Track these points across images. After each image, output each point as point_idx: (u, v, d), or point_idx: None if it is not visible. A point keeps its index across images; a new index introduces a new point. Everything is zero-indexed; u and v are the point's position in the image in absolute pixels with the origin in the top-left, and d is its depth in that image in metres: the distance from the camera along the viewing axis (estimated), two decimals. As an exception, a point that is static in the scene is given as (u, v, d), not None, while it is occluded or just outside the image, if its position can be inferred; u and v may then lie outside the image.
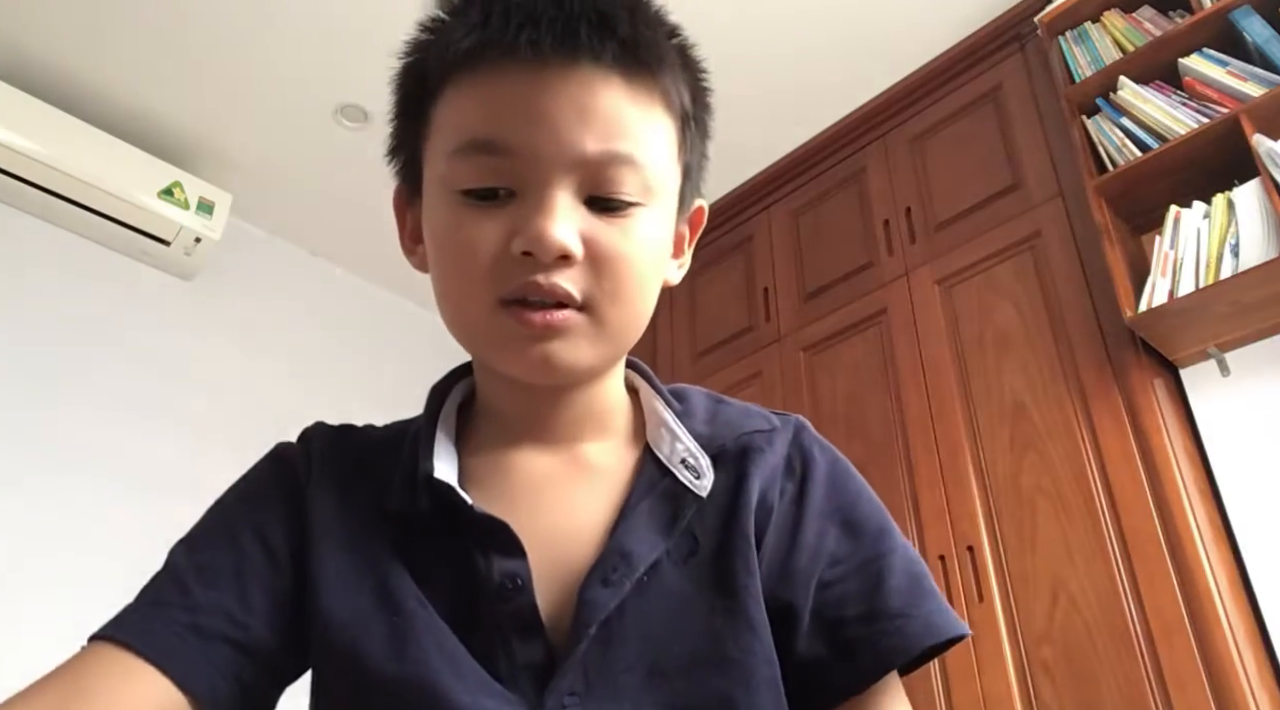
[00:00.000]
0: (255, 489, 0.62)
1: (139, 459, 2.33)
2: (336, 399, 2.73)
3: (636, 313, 0.59)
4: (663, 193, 0.58)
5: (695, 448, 0.61)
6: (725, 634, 0.55)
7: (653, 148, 0.57)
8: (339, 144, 2.60)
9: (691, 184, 0.64)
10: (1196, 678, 1.50)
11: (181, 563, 0.59)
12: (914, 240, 2.26)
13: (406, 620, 0.54)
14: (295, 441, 0.65)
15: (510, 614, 0.55)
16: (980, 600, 1.79)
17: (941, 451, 1.98)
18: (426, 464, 0.58)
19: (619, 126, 0.55)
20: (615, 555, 0.56)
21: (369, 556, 0.57)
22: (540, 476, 0.61)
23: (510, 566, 0.55)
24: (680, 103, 0.59)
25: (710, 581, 0.57)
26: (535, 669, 0.54)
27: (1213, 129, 1.75)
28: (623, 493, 0.60)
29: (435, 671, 0.52)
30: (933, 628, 0.57)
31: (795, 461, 0.63)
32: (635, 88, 0.56)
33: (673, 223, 0.62)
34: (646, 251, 0.57)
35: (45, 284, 2.39)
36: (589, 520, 0.59)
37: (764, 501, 0.60)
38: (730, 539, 0.58)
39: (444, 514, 0.57)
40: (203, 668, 0.53)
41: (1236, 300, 1.64)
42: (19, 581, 2.05)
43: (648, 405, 0.65)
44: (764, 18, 2.29)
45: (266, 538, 0.58)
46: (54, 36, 2.32)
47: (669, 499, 0.59)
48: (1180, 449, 1.68)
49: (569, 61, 0.54)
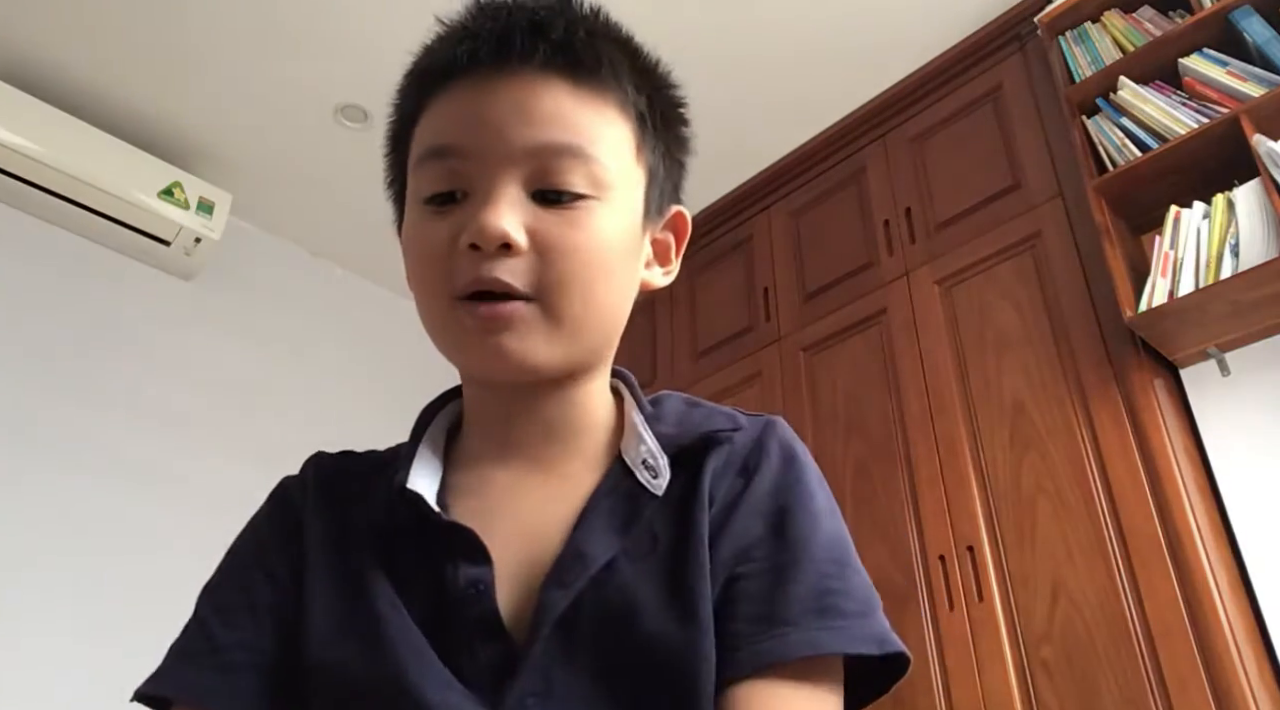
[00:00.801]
0: (260, 528, 0.67)
1: (139, 458, 2.33)
2: (336, 399, 2.73)
3: (596, 307, 0.59)
4: (617, 189, 0.60)
5: (656, 448, 0.62)
6: (674, 634, 0.55)
7: (602, 143, 0.59)
8: (339, 144, 2.60)
9: (662, 189, 0.65)
10: (1196, 678, 1.50)
11: (204, 610, 0.63)
12: (914, 240, 2.26)
13: (381, 625, 0.57)
14: (295, 473, 0.69)
15: (474, 618, 0.57)
16: (980, 600, 1.79)
17: (941, 451, 1.98)
18: (401, 477, 0.61)
19: (562, 120, 0.57)
20: (571, 556, 0.57)
21: (354, 571, 0.60)
22: (515, 486, 0.63)
23: (474, 573, 0.57)
24: (635, 105, 0.61)
25: (663, 580, 0.57)
26: (497, 670, 0.55)
27: (1213, 129, 1.75)
28: (588, 497, 0.61)
29: (405, 670, 0.55)
30: (815, 642, 0.56)
31: (751, 459, 0.63)
32: (580, 87, 0.59)
33: (635, 222, 0.62)
34: (598, 244, 0.58)
35: (45, 284, 2.39)
36: (554, 524, 0.60)
37: (714, 499, 0.61)
38: (684, 539, 0.59)
39: (419, 525, 0.60)
40: (234, 698, 0.59)
41: (1236, 300, 1.64)
42: (15, 579, 2.05)
43: (626, 413, 0.66)
44: (764, 18, 2.29)
45: (271, 570, 0.63)
46: (54, 36, 2.32)
47: (627, 499, 0.60)
48: (1180, 449, 1.68)
49: (508, 67, 0.58)
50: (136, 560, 2.20)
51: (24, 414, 2.21)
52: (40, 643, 2.01)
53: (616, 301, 0.61)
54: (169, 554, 2.24)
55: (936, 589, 1.86)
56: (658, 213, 0.66)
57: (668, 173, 0.66)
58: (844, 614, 0.57)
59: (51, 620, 2.05)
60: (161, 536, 2.25)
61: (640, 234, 0.63)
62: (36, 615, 2.03)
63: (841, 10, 2.28)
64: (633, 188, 0.62)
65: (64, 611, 2.07)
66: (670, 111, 0.66)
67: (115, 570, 2.17)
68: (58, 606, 2.07)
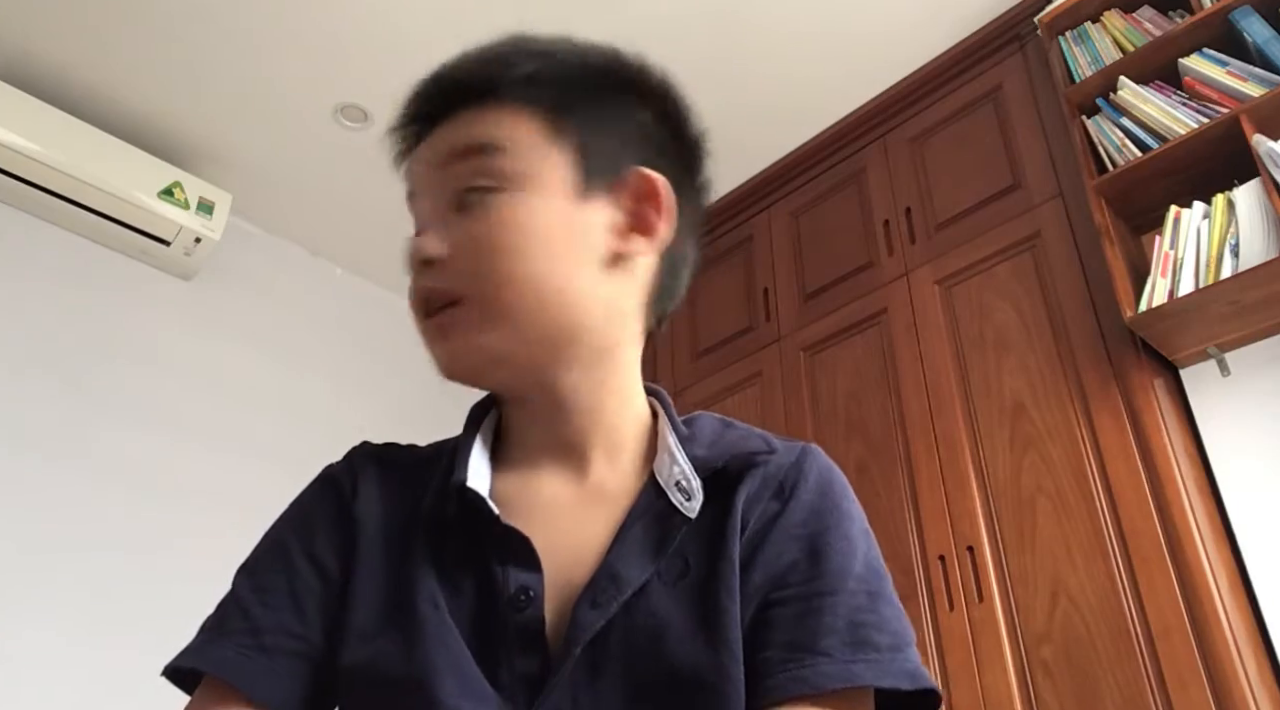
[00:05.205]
0: (304, 512, 0.66)
1: (138, 458, 2.33)
2: (336, 399, 2.73)
3: (522, 290, 0.60)
4: (531, 174, 0.62)
5: (690, 470, 0.62)
6: (704, 659, 0.55)
7: (507, 135, 0.63)
8: (339, 144, 2.60)
9: (600, 160, 0.64)
10: (1196, 678, 1.50)
11: (242, 589, 0.63)
12: (914, 240, 2.26)
13: (419, 624, 0.57)
14: (341, 460, 0.69)
15: (518, 625, 0.57)
16: (980, 600, 1.79)
17: (941, 451, 1.98)
18: (461, 473, 0.62)
19: (466, 131, 0.63)
20: (605, 577, 0.58)
21: (399, 564, 0.60)
22: (555, 498, 0.64)
23: (526, 579, 0.58)
24: (543, 94, 0.64)
25: (694, 606, 0.57)
26: (531, 681, 0.56)
27: (1213, 129, 1.75)
28: (624, 516, 0.62)
29: (435, 671, 0.54)
30: (849, 675, 0.55)
31: (786, 484, 0.63)
32: (479, 106, 0.64)
33: (562, 200, 0.63)
34: (509, 230, 0.61)
35: (45, 284, 2.39)
36: (591, 542, 0.61)
37: (747, 523, 0.61)
38: (716, 563, 0.59)
39: (472, 523, 0.60)
40: (271, 681, 0.58)
41: (1236, 300, 1.64)
42: (14, 578, 2.05)
43: (660, 432, 0.66)
44: (764, 18, 2.29)
45: (316, 556, 0.62)
46: (54, 36, 2.32)
47: (660, 522, 0.60)
48: (1180, 449, 1.68)
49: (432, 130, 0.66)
50: (136, 560, 2.20)
51: (23, 414, 2.21)
52: (40, 643, 2.01)
53: (554, 281, 0.61)
54: (169, 553, 2.24)
55: (936, 589, 1.86)
56: (603, 181, 0.64)
57: (607, 142, 0.65)
58: (877, 647, 0.57)
59: (51, 620, 2.05)
60: (161, 536, 2.25)
61: (577, 208, 0.63)
62: (36, 615, 2.03)
63: (841, 10, 2.28)
64: (553, 170, 0.63)
65: (64, 611, 2.07)
66: (590, 87, 0.66)
67: (114, 569, 2.16)
68: (57, 606, 2.07)
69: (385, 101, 0.71)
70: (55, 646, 2.02)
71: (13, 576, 2.05)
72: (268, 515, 0.68)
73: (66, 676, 2.00)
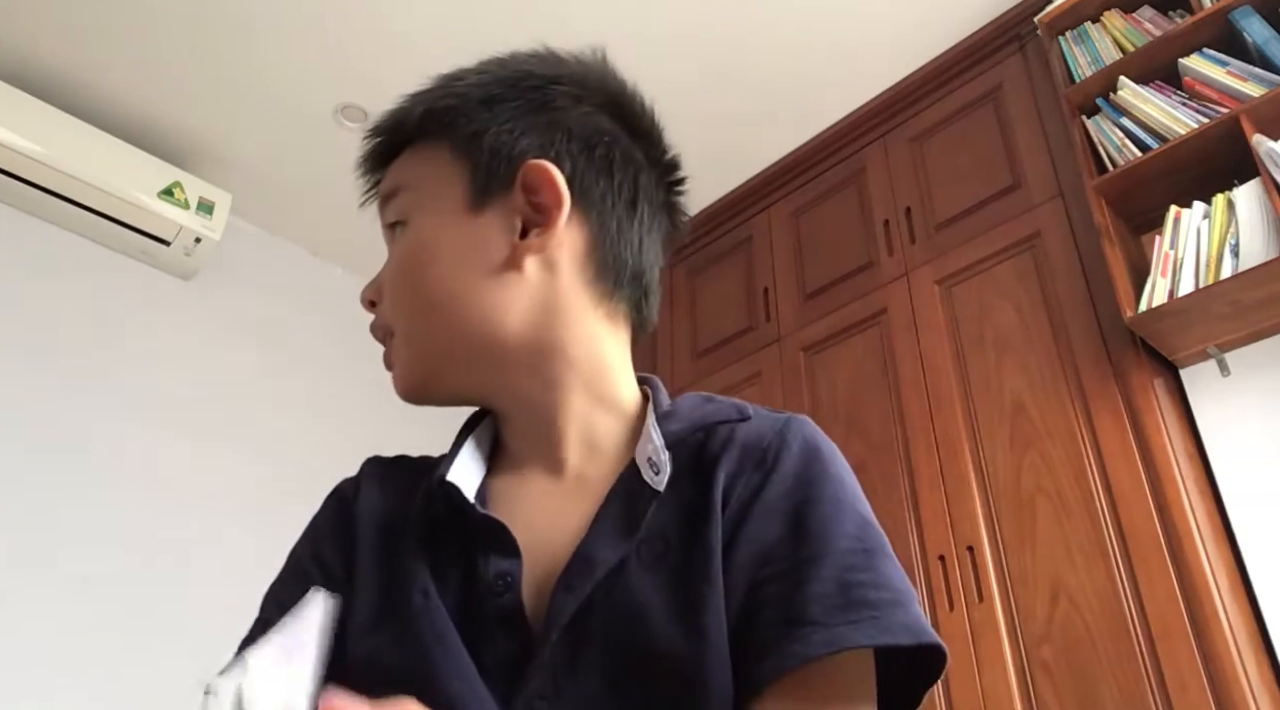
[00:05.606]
0: (314, 525, 0.70)
1: (138, 458, 2.33)
2: (336, 399, 2.73)
3: (438, 310, 0.64)
4: (428, 199, 0.66)
5: (660, 445, 0.62)
6: (680, 646, 0.54)
7: (413, 174, 0.68)
8: (339, 144, 2.60)
9: (495, 165, 0.64)
10: (1196, 678, 1.50)
11: (268, 609, 0.65)
12: (914, 240, 2.26)
13: (412, 615, 0.58)
14: (353, 476, 0.72)
15: (498, 609, 0.58)
16: (980, 600, 1.79)
17: (941, 451, 1.98)
18: (442, 470, 0.63)
19: (385, 182, 0.70)
20: (579, 560, 0.58)
21: (396, 561, 0.62)
22: (538, 492, 0.65)
23: (504, 566, 0.59)
24: (440, 125, 0.67)
25: (672, 589, 0.57)
26: (514, 665, 0.56)
27: (1213, 129, 1.75)
28: (602, 500, 0.62)
29: (429, 656, 0.56)
30: (838, 638, 0.53)
31: (769, 454, 0.61)
32: (399, 158, 0.70)
33: (452, 214, 0.65)
34: (410, 256, 0.66)
35: (45, 284, 2.39)
36: (570, 528, 0.61)
37: (729, 500, 0.59)
38: (693, 543, 0.58)
39: (458, 516, 0.62)
40: None
41: (1236, 300, 1.64)
42: (13, 578, 2.05)
43: (646, 417, 0.66)
44: (764, 18, 2.29)
45: (323, 559, 0.65)
46: (54, 37, 2.32)
47: (631, 499, 0.60)
48: (1180, 449, 1.68)
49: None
50: (136, 559, 2.20)
51: (23, 414, 2.21)
52: (40, 643, 2.01)
53: (462, 296, 0.63)
54: (169, 553, 2.24)
55: (936, 589, 1.86)
56: (499, 185, 0.64)
57: (505, 149, 0.64)
58: (872, 604, 0.54)
59: (52, 620, 2.05)
60: (161, 536, 2.25)
61: (470, 221, 0.64)
62: (36, 615, 2.03)
63: (841, 10, 2.28)
64: (445, 188, 0.66)
65: (64, 611, 2.07)
66: (489, 103, 0.65)
67: (114, 569, 2.16)
68: (58, 606, 2.07)
69: (385, 101, 0.70)
70: (56, 647, 2.02)
71: (13, 576, 2.05)
72: (268, 513, 0.69)
73: (66, 677, 2.00)
